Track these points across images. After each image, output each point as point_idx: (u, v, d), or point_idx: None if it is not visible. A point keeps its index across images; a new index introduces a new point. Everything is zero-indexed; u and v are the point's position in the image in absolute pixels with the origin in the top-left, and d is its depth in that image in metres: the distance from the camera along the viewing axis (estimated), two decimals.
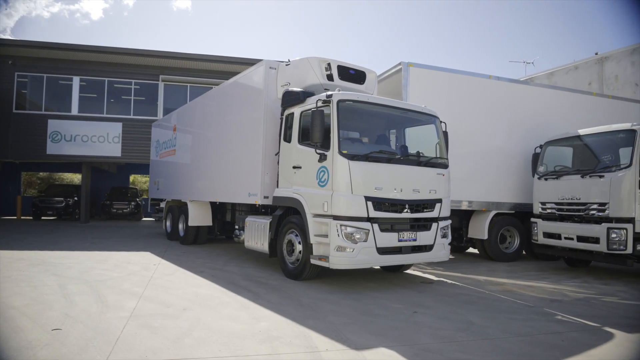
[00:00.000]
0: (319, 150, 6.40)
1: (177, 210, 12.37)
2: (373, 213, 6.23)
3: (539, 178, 8.90)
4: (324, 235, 6.27)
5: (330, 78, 7.53)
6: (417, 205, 6.67)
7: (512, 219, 10.05)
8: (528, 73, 23.89)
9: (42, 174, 30.91)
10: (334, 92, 6.49)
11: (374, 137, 7.40)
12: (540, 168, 8.99)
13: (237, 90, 9.48)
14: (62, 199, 21.32)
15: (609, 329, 4.78)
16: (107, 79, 19.84)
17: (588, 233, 7.72)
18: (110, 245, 11.16)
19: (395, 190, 6.47)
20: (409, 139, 7.62)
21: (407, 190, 6.57)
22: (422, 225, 6.75)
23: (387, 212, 6.38)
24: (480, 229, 9.76)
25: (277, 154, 7.61)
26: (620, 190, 7.36)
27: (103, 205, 22.67)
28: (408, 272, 8.19)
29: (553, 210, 8.51)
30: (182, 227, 11.94)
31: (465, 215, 10.08)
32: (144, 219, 23.99)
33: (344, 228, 6.06)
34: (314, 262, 6.45)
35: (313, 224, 6.46)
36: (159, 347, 3.83)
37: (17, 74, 19.09)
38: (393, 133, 7.79)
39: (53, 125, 18.96)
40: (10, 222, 19.33)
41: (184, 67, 20.35)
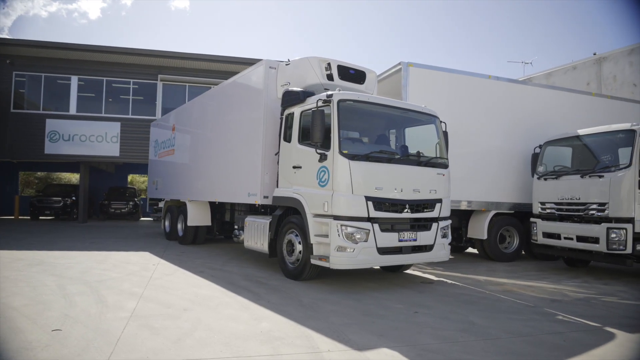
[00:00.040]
0: (319, 150, 6.39)
1: (176, 210, 12.34)
2: (373, 213, 6.23)
3: (539, 178, 8.90)
4: (324, 235, 6.26)
5: (330, 78, 7.52)
6: (417, 205, 6.67)
7: (511, 219, 10.05)
8: (526, 73, 23.98)
9: (39, 174, 30.82)
10: (335, 91, 6.48)
11: (374, 137, 7.40)
12: (540, 168, 9.00)
13: (236, 90, 9.45)
14: (60, 199, 21.24)
15: (610, 329, 4.79)
16: (105, 79, 19.78)
17: (588, 233, 7.73)
18: (109, 245, 11.13)
19: (396, 190, 6.46)
20: (409, 139, 7.61)
21: (407, 190, 6.57)
22: (422, 225, 6.75)
23: (387, 212, 6.37)
24: (480, 229, 9.76)
25: (277, 154, 7.59)
26: (620, 190, 7.37)
27: (101, 205, 22.61)
28: (408, 272, 8.18)
29: (552, 210, 8.52)
30: (181, 227, 11.91)
31: (465, 215, 10.08)
32: (142, 219, 23.94)
33: (345, 228, 6.05)
34: (314, 262, 6.44)
35: (313, 224, 6.45)
36: (160, 347, 3.81)
37: (15, 74, 19.02)
38: (393, 133, 7.78)
39: (51, 125, 18.89)
40: (8, 222, 19.25)
41: (183, 66, 20.31)
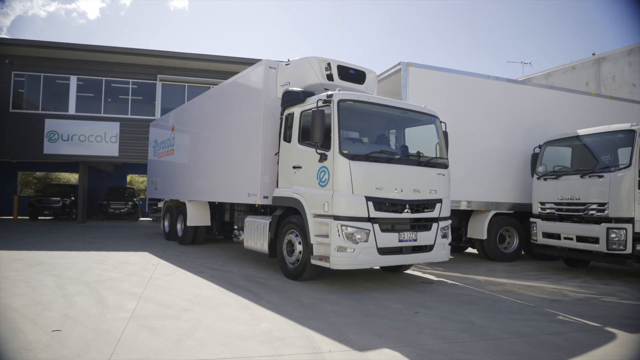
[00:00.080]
0: (320, 150, 6.38)
1: (175, 210, 12.32)
2: (374, 213, 6.22)
3: (538, 178, 8.91)
4: (325, 236, 6.25)
5: (330, 78, 7.51)
6: (417, 206, 6.67)
7: (511, 219, 10.06)
8: (526, 73, 23.99)
9: (38, 174, 30.77)
10: (335, 92, 6.48)
11: (375, 137, 7.40)
12: (540, 168, 9.01)
13: (236, 90, 9.44)
14: (59, 199, 21.22)
15: (610, 329, 4.79)
16: (104, 79, 19.75)
17: (587, 233, 7.74)
18: (108, 245, 11.11)
19: (396, 191, 6.46)
20: (409, 139, 7.61)
21: (407, 190, 6.57)
22: (422, 226, 6.75)
23: (387, 212, 6.37)
24: (480, 229, 9.76)
25: (276, 154, 7.58)
26: (620, 191, 7.37)
27: (100, 205, 22.59)
28: (408, 272, 8.18)
29: (552, 211, 8.52)
30: (180, 227, 11.90)
31: (465, 215, 10.08)
32: (141, 219, 23.92)
33: (345, 228, 6.05)
34: (315, 262, 6.43)
35: (313, 224, 6.44)
36: (161, 348, 3.80)
37: (14, 73, 19.00)
38: (393, 133, 7.78)
39: (50, 125, 18.86)
40: (7, 222, 19.22)
41: (182, 66, 20.29)
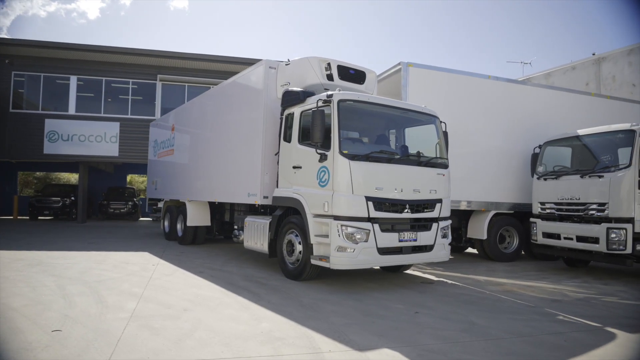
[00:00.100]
0: (320, 150, 6.38)
1: (175, 210, 12.32)
2: (374, 213, 6.22)
3: (538, 178, 8.91)
4: (325, 236, 6.25)
5: (330, 78, 7.51)
6: (417, 206, 6.67)
7: (511, 219, 10.06)
8: (525, 73, 23.99)
9: (38, 174, 30.76)
10: (335, 92, 6.47)
11: (375, 137, 7.39)
12: (540, 168, 9.00)
13: (236, 90, 9.44)
14: (59, 199, 21.23)
15: (611, 329, 4.79)
16: (104, 79, 19.74)
17: (587, 233, 7.73)
18: (108, 246, 11.11)
19: (396, 191, 6.46)
20: (409, 139, 7.61)
21: (407, 191, 6.57)
22: (422, 226, 6.75)
23: (387, 212, 6.37)
24: (480, 229, 9.76)
25: (276, 154, 7.58)
26: (620, 191, 7.37)
27: (100, 205, 22.58)
28: (408, 272, 8.18)
29: (552, 211, 8.52)
30: (180, 227, 11.89)
31: (465, 215, 10.08)
32: (141, 219, 23.92)
33: (345, 228, 6.04)
34: (315, 262, 6.43)
35: (313, 224, 6.44)
36: (161, 348, 3.80)
37: (14, 73, 18.98)
38: (393, 133, 7.78)
39: (50, 125, 18.85)
40: (7, 222, 19.22)
41: (182, 66, 20.28)
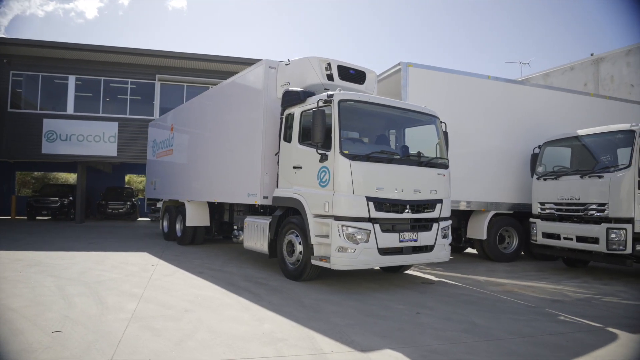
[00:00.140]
0: (320, 151, 6.37)
1: (174, 211, 12.29)
2: (374, 213, 6.21)
3: (538, 178, 8.91)
4: (325, 236, 6.24)
5: (331, 78, 7.50)
6: (418, 206, 6.66)
7: (510, 219, 10.06)
8: (524, 74, 24.03)
9: (36, 174, 30.66)
10: (335, 92, 6.46)
11: (375, 137, 7.39)
12: (539, 168, 9.01)
13: (236, 90, 9.42)
14: (57, 199, 21.15)
15: (612, 330, 4.79)
16: (103, 78, 19.67)
17: (587, 233, 7.74)
18: (107, 246, 11.07)
19: (397, 191, 6.45)
20: (410, 139, 7.60)
21: (408, 191, 6.56)
22: (422, 226, 6.74)
23: (388, 212, 6.36)
24: (479, 229, 9.77)
25: (276, 154, 7.57)
26: (620, 191, 7.38)
27: (98, 205, 22.52)
28: (408, 272, 8.18)
29: (552, 211, 8.53)
30: (179, 227, 11.86)
31: (464, 216, 10.08)
32: (140, 219, 23.86)
33: (346, 229, 6.03)
34: (315, 262, 6.42)
35: (314, 225, 6.42)
36: (162, 349, 3.78)
37: (12, 73, 18.89)
38: (393, 133, 7.78)
39: (48, 125, 18.77)
40: (5, 222, 19.14)
41: (181, 66, 20.23)
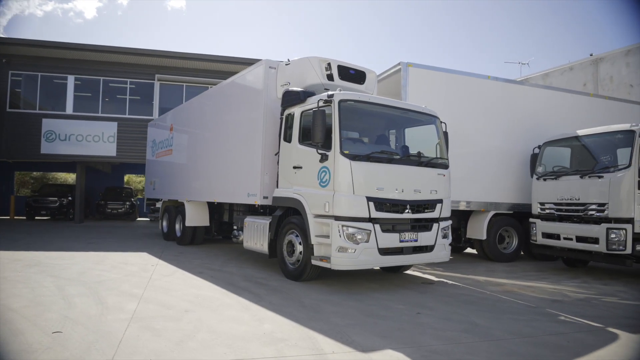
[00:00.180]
0: (321, 151, 6.36)
1: (173, 211, 12.28)
2: (374, 213, 6.21)
3: (538, 178, 8.92)
4: (325, 236, 6.23)
5: (331, 78, 7.50)
6: (418, 206, 6.66)
7: (510, 219, 10.06)
8: (523, 74, 24.05)
9: (35, 174, 30.61)
10: (336, 92, 6.46)
11: (375, 137, 7.38)
12: (539, 168, 9.01)
13: (236, 90, 9.41)
14: (56, 199, 21.11)
15: (612, 330, 4.79)
16: (102, 78, 19.64)
17: (587, 233, 7.75)
18: (107, 246, 11.06)
19: (397, 191, 6.45)
20: (410, 139, 7.60)
21: (408, 191, 6.56)
22: (423, 226, 6.74)
23: (388, 212, 6.35)
24: (479, 230, 9.77)
25: (276, 154, 7.56)
26: (620, 191, 7.39)
27: (97, 205, 22.50)
28: (408, 272, 8.17)
29: (552, 211, 8.53)
30: (179, 227, 11.85)
31: (464, 216, 10.08)
32: (139, 219, 23.84)
33: (346, 229, 6.03)
34: (315, 262, 6.41)
35: (314, 225, 6.42)
36: (163, 349, 3.78)
37: (11, 73, 18.85)
38: (393, 133, 7.78)
39: (47, 125, 18.73)
40: (4, 222, 19.11)
41: (180, 66, 20.21)
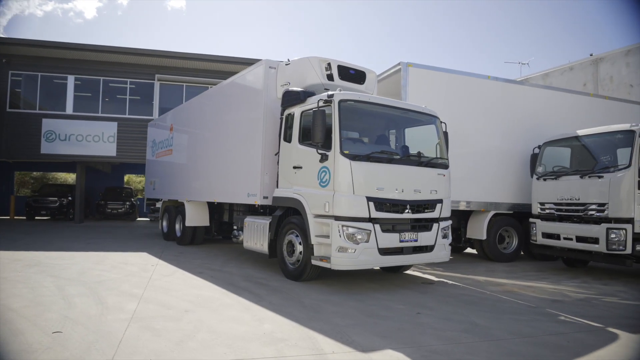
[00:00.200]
0: (321, 151, 6.36)
1: (173, 211, 12.28)
2: (375, 213, 6.21)
3: (538, 178, 8.92)
4: (325, 236, 6.23)
5: (331, 78, 7.49)
6: (418, 206, 6.66)
7: (510, 219, 10.06)
8: (523, 74, 24.05)
9: (35, 174, 30.60)
10: (336, 92, 6.46)
11: (375, 137, 7.38)
12: (539, 168, 9.01)
13: (236, 90, 9.41)
14: (56, 199, 21.09)
15: (612, 330, 4.79)
16: (102, 78, 19.63)
17: (587, 233, 7.75)
18: (107, 246, 11.05)
19: (397, 191, 6.45)
20: (410, 139, 7.60)
21: (408, 191, 6.56)
22: (423, 226, 6.74)
23: (388, 212, 6.35)
24: (479, 230, 9.77)
25: (276, 154, 7.56)
26: (620, 191, 7.39)
27: (97, 205, 22.49)
28: (408, 272, 8.17)
29: (552, 211, 8.53)
30: (179, 227, 11.85)
31: (464, 216, 10.08)
32: (139, 219, 23.83)
33: (346, 229, 6.03)
34: (315, 262, 6.41)
35: (314, 225, 6.41)
36: (163, 349, 3.78)
37: (11, 73, 18.84)
38: (393, 133, 7.77)
39: (47, 125, 18.73)
40: (4, 222, 19.11)
41: (180, 66, 20.21)
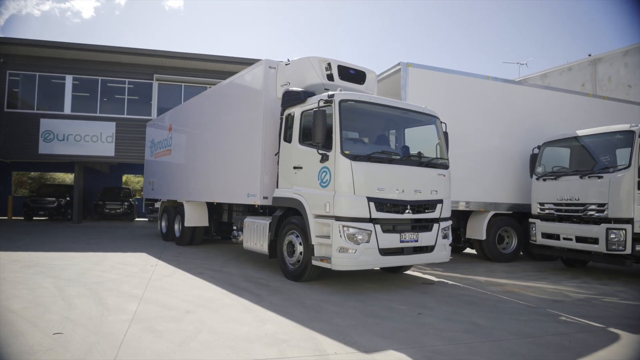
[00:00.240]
0: (321, 151, 6.35)
1: (172, 211, 12.25)
2: (375, 214, 6.20)
3: (537, 179, 8.93)
4: (326, 236, 6.22)
5: (331, 78, 7.49)
6: (418, 206, 6.66)
7: (509, 220, 10.07)
8: (522, 74, 24.10)
9: (33, 174, 30.50)
10: (336, 92, 6.45)
11: (375, 137, 7.38)
12: (539, 169, 9.03)
13: (235, 90, 9.40)
14: (54, 199, 21.01)
15: (614, 330, 4.80)
16: (100, 78, 19.57)
17: (587, 233, 7.76)
18: (106, 246, 11.02)
19: (397, 191, 6.44)
20: (410, 139, 7.60)
21: (408, 191, 6.56)
22: (423, 226, 6.74)
23: (389, 212, 6.35)
24: (478, 230, 9.78)
25: (276, 154, 7.55)
26: (619, 191, 7.40)
27: (96, 206, 22.42)
28: (408, 272, 8.17)
29: (551, 211, 8.54)
30: (178, 227, 11.82)
31: (463, 216, 10.09)
32: (137, 219, 23.77)
33: (346, 229, 6.02)
34: (316, 263, 6.40)
35: (314, 225, 6.41)
36: (165, 351, 3.76)
37: (8, 72, 18.78)
38: (394, 133, 7.77)
39: (45, 125, 18.67)
40: (2, 222, 19.03)
41: (179, 66, 20.17)
